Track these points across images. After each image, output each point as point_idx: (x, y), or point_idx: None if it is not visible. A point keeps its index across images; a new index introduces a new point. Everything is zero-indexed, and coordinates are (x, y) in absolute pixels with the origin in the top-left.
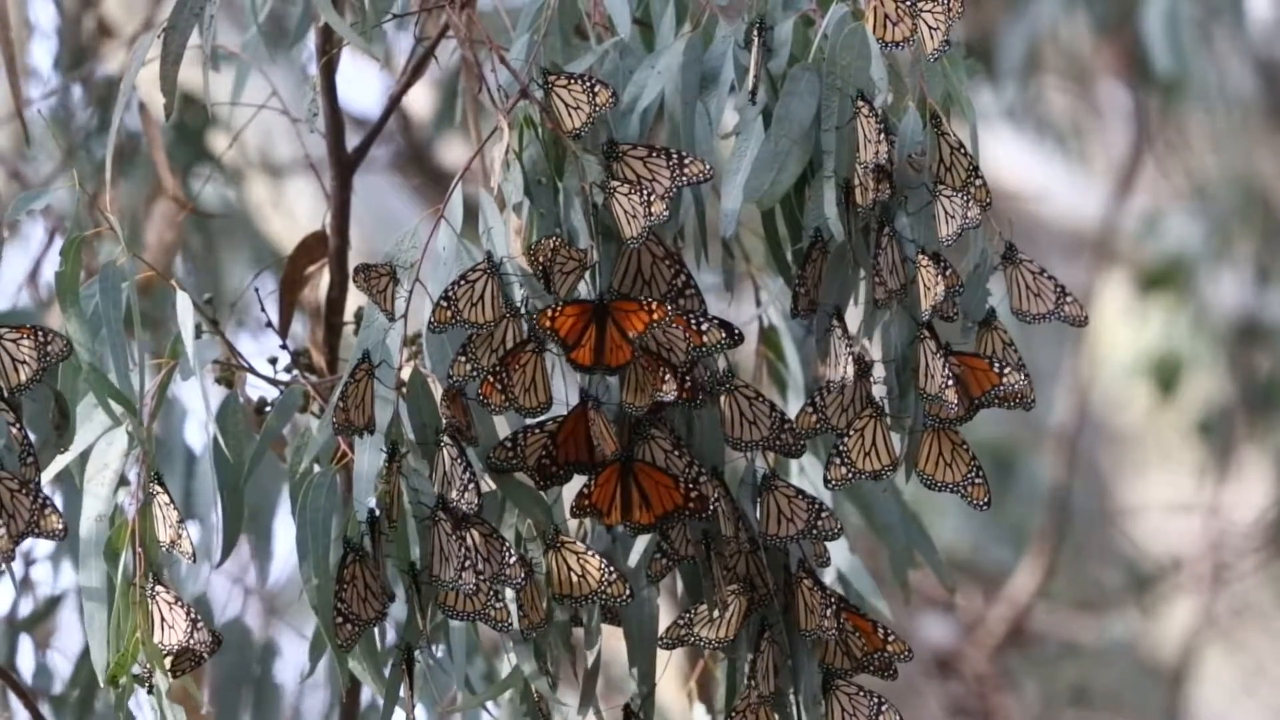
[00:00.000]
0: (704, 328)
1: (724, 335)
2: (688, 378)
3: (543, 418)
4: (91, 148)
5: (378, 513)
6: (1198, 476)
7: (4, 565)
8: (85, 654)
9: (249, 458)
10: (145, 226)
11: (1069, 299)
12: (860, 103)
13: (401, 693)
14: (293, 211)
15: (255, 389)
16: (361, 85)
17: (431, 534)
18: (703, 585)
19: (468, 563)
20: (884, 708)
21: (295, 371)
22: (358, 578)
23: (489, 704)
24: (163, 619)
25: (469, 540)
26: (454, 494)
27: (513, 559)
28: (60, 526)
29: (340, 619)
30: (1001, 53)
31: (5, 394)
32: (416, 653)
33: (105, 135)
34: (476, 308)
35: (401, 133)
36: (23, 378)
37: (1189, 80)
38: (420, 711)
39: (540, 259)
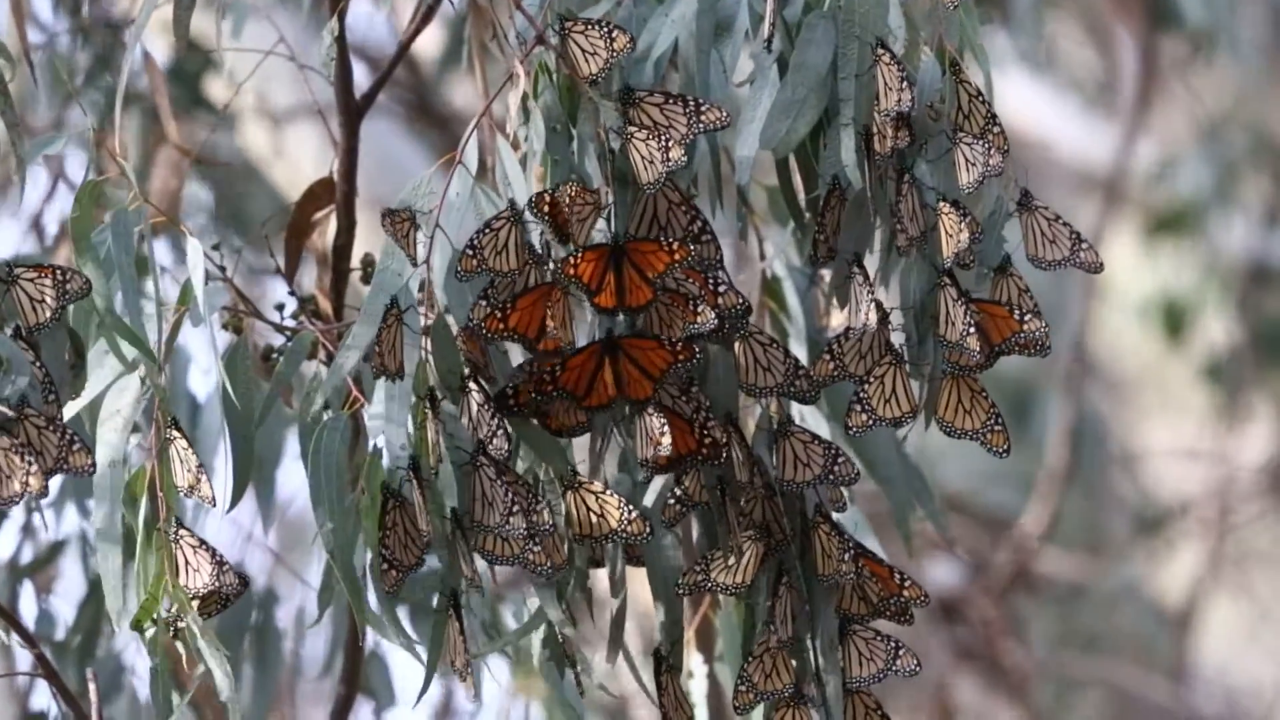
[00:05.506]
0: (720, 289)
1: (740, 301)
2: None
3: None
4: (95, 94)
5: (418, 459)
6: (1205, 421)
7: (36, 502)
8: (87, 600)
9: (258, 405)
10: (150, 173)
11: (1084, 245)
12: (881, 50)
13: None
14: (295, 159)
15: (261, 335)
16: (371, 21)
17: (472, 479)
18: (717, 531)
19: (515, 507)
20: (901, 652)
21: (302, 318)
22: (398, 524)
23: (497, 651)
24: (187, 563)
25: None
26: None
27: (541, 504)
28: (90, 462)
29: (386, 565)
30: None
31: (25, 333)
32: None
33: (108, 81)
34: (501, 255)
35: (406, 76)
36: (41, 317)
37: (1200, 24)
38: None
39: (546, 209)
